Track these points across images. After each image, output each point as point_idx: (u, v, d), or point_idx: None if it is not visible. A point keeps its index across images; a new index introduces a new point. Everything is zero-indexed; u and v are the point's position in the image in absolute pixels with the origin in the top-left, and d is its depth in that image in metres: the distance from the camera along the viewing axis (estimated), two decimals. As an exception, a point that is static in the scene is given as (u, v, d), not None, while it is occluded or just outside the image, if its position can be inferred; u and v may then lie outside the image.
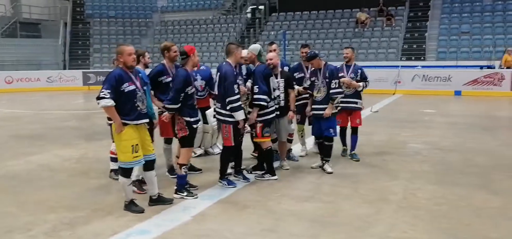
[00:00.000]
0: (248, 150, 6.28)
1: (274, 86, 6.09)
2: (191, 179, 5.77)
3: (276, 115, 6.14)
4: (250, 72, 6.04)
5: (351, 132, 7.26)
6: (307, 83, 6.60)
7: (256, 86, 5.81)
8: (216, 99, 5.72)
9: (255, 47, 6.21)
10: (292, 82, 6.53)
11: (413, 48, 22.19)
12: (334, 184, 5.84)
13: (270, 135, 6.09)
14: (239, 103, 5.48)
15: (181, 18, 29.23)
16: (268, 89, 5.89)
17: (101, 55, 27.00)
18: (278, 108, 6.23)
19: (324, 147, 6.46)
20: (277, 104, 6.17)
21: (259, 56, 6.09)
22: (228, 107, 5.46)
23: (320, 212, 4.83)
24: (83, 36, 28.39)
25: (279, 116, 6.32)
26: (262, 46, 6.69)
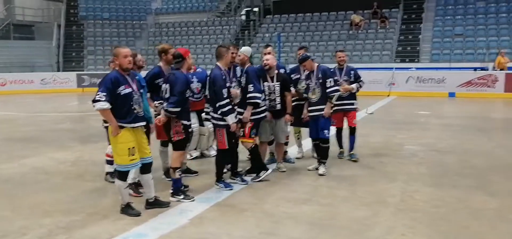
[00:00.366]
0: (244, 153, 6.26)
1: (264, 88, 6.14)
2: (188, 182, 5.75)
3: (273, 117, 6.12)
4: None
5: (349, 133, 7.26)
6: (301, 85, 6.60)
7: (251, 84, 5.82)
8: (208, 103, 5.71)
9: (247, 49, 6.24)
10: (289, 85, 6.52)
11: (407, 50, 22.29)
12: (332, 187, 5.83)
13: (255, 138, 6.08)
14: (230, 107, 5.46)
15: (175, 20, 29.16)
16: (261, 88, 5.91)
17: (95, 57, 26.91)
18: (274, 110, 6.24)
19: (321, 149, 6.47)
20: (269, 105, 6.18)
21: (251, 58, 6.13)
22: (218, 112, 5.47)
23: (318, 215, 4.81)
24: (77, 38, 28.24)
25: (276, 118, 6.32)
26: (257, 48, 6.74)
